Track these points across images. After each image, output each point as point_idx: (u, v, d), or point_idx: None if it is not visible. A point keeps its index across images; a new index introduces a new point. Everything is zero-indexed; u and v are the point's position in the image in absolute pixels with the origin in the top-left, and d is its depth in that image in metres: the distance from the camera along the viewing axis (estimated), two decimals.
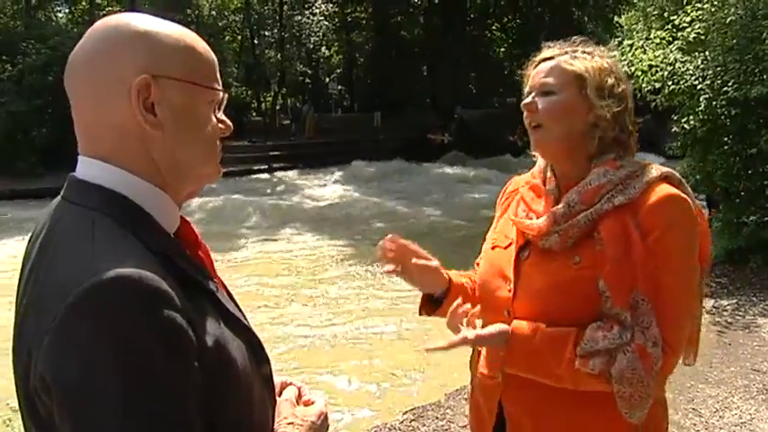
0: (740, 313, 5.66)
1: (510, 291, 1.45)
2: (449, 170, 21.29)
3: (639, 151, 1.47)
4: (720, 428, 3.83)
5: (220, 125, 0.98)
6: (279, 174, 20.32)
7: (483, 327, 1.45)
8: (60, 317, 0.74)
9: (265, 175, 19.91)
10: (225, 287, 1.01)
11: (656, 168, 1.39)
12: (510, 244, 1.51)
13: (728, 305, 5.90)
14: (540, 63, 1.48)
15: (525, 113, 1.45)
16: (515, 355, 1.38)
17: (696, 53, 7.35)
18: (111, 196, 0.87)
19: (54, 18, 25.79)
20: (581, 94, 1.39)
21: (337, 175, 20.37)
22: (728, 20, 6.90)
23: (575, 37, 1.50)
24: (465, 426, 4.11)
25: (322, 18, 27.42)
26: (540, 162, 1.53)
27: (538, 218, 1.43)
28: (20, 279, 0.91)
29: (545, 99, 1.41)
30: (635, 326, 1.28)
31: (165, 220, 0.91)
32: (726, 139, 7.12)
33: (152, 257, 0.82)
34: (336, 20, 30.35)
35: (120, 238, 0.83)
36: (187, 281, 0.85)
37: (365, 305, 7.75)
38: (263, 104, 30.25)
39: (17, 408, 0.90)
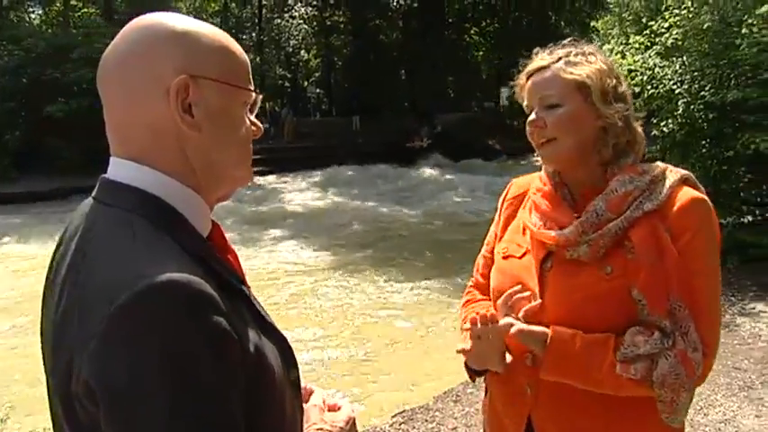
0: None
1: (537, 304, 1.40)
2: (428, 174, 21.33)
3: None
4: (705, 426, 3.91)
5: (253, 127, 0.97)
6: (258, 178, 20.16)
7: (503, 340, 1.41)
8: (108, 320, 0.73)
9: None
10: (251, 291, 1.00)
11: (674, 171, 1.38)
12: (525, 253, 1.46)
13: None
14: (534, 73, 1.43)
15: (530, 129, 1.42)
16: (555, 359, 1.33)
17: (674, 58, 7.49)
18: (145, 197, 0.86)
19: (27, 19, 25.38)
20: (586, 102, 1.37)
21: (317, 179, 20.29)
22: (705, 26, 7.05)
23: (564, 41, 1.47)
24: (454, 428, 4.13)
25: (301, 21, 27.49)
26: (547, 167, 1.49)
27: (560, 227, 1.38)
28: (50, 283, 0.90)
29: (551, 113, 1.38)
30: (675, 331, 1.28)
31: (198, 222, 0.90)
32: (703, 142, 7.26)
33: (190, 260, 0.81)
34: (315, 23, 30.36)
35: (160, 240, 0.82)
36: (223, 284, 0.84)
37: (350, 309, 7.74)
38: None
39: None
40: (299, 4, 27.80)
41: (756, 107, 6.55)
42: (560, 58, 1.41)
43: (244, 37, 28.23)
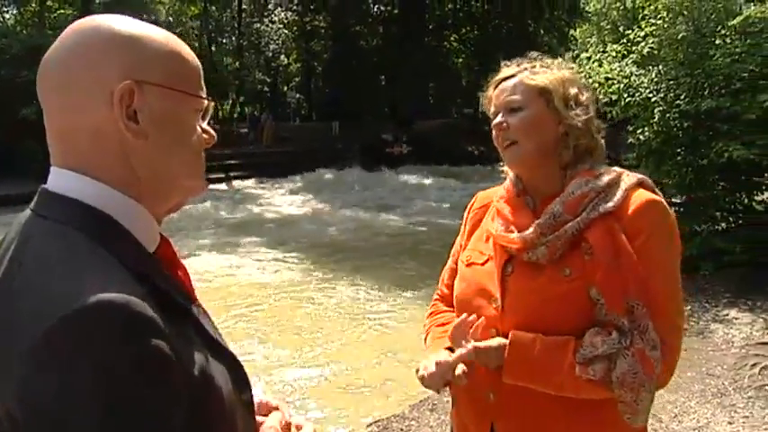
0: (694, 319, 5.81)
1: (497, 308, 1.42)
2: (407, 179, 21.43)
3: None
4: None
5: (205, 135, 0.92)
6: (236, 183, 20.09)
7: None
8: (37, 341, 0.68)
9: (222, 186, 19.63)
10: (203, 308, 0.95)
11: (630, 174, 1.43)
12: (488, 260, 1.49)
13: None
14: (500, 83, 1.50)
15: (495, 133, 1.46)
16: (515, 363, 1.34)
17: (650, 67, 7.56)
18: (83, 209, 0.81)
19: (2, 19, 24.98)
20: (548, 106, 1.43)
21: (297, 184, 20.28)
22: (680, 36, 7.14)
23: (531, 53, 1.54)
24: None
25: (281, 26, 27.41)
26: (511, 175, 1.54)
27: (520, 231, 1.42)
28: None
29: (514, 116, 1.43)
30: (633, 330, 1.29)
31: (144, 236, 0.85)
32: (679, 150, 7.33)
33: (131, 277, 0.76)
34: (295, 28, 30.33)
35: (96, 255, 0.77)
36: (168, 303, 0.79)
37: (326, 318, 7.68)
38: (221, 113, 29.89)
39: None
40: (280, 8, 27.73)
41: (729, 116, 6.64)
42: (525, 69, 1.49)
43: (224, 41, 28.13)
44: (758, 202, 7.51)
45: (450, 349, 1.45)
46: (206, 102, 0.92)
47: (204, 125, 0.93)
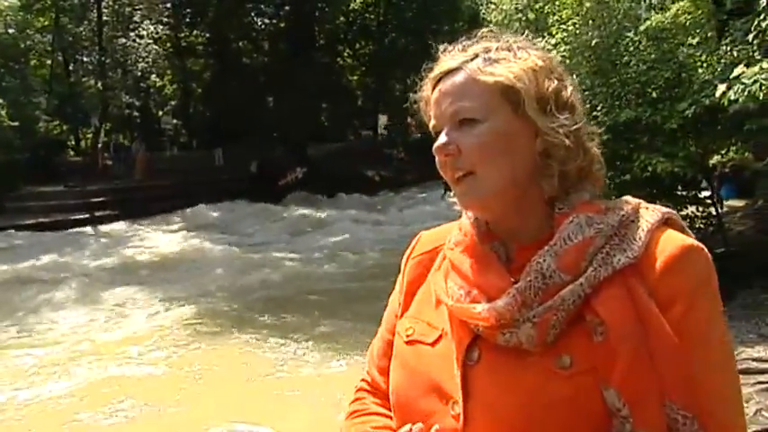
0: None
1: (456, 416, 1.02)
2: (301, 212, 21.22)
3: None
4: None
5: None
6: (104, 225, 19.01)
7: None
8: None
9: (87, 228, 18.60)
10: None
11: (650, 208, 1.06)
12: (439, 338, 1.10)
13: None
14: (441, 79, 1.10)
15: (440, 159, 1.07)
16: None
17: None
18: None
19: None
20: (517, 114, 1.04)
21: (176, 223, 19.72)
22: (593, 42, 7.26)
23: (481, 30, 1.14)
24: None
25: (151, 41, 26.35)
26: (470, 213, 1.14)
27: (489, 299, 1.03)
28: None
29: (467, 133, 1.05)
30: None
31: None
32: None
33: None
34: (168, 44, 29.46)
35: None
36: None
37: (212, 379, 7.28)
38: (83, 142, 28.36)
39: None
40: (148, 21, 26.66)
41: (648, 127, 6.77)
42: (477, 56, 1.08)
43: (84, 59, 26.81)
44: (683, 217, 7.67)
45: None
46: None
47: None
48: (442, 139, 1.06)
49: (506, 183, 1.03)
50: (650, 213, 1.03)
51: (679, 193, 7.70)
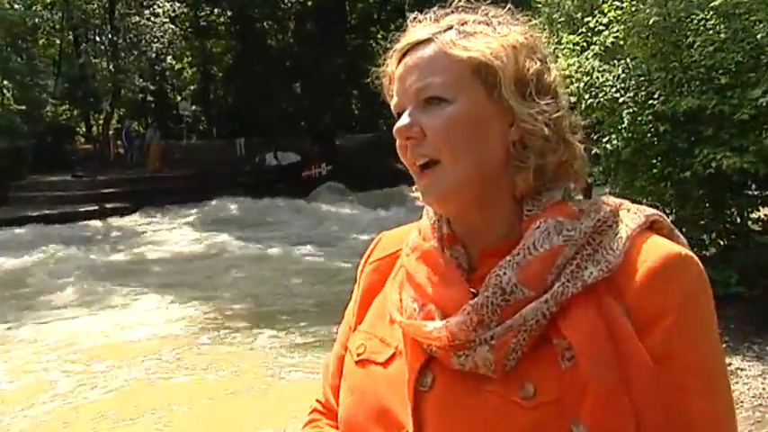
0: None
1: None
2: (327, 208, 21.44)
3: None
4: None
5: None
6: (114, 218, 19.34)
7: None
8: None
9: (95, 222, 18.98)
10: None
11: (633, 209, 1.01)
12: (392, 357, 1.06)
13: None
14: (408, 51, 1.05)
15: (401, 143, 1.03)
16: None
17: (616, 61, 7.51)
18: None
19: None
20: (491, 96, 0.99)
21: (191, 217, 19.94)
22: (650, 21, 7.07)
23: (458, 2, 1.07)
24: None
25: (167, 20, 26.63)
26: (431, 213, 1.10)
27: (445, 315, 0.98)
28: None
29: (433, 114, 1.00)
30: None
31: None
32: (654, 161, 7.27)
33: None
34: (187, 24, 29.81)
35: None
36: None
37: (226, 386, 7.37)
38: (94, 128, 28.84)
39: None
40: None
41: (714, 117, 6.57)
42: (451, 27, 1.04)
43: (96, 39, 27.22)
44: (754, 220, 7.48)
45: None
46: None
47: None
48: (404, 119, 1.01)
49: (474, 174, 0.99)
50: (632, 216, 0.99)
51: (750, 192, 7.46)
